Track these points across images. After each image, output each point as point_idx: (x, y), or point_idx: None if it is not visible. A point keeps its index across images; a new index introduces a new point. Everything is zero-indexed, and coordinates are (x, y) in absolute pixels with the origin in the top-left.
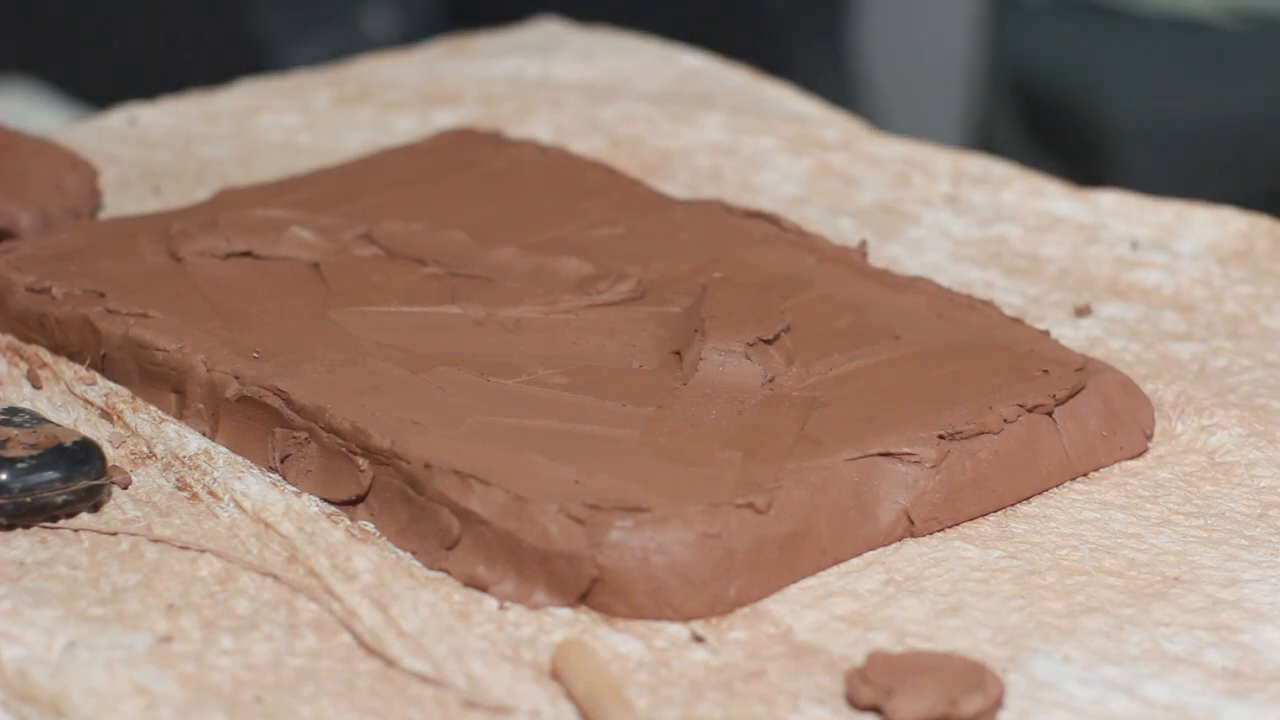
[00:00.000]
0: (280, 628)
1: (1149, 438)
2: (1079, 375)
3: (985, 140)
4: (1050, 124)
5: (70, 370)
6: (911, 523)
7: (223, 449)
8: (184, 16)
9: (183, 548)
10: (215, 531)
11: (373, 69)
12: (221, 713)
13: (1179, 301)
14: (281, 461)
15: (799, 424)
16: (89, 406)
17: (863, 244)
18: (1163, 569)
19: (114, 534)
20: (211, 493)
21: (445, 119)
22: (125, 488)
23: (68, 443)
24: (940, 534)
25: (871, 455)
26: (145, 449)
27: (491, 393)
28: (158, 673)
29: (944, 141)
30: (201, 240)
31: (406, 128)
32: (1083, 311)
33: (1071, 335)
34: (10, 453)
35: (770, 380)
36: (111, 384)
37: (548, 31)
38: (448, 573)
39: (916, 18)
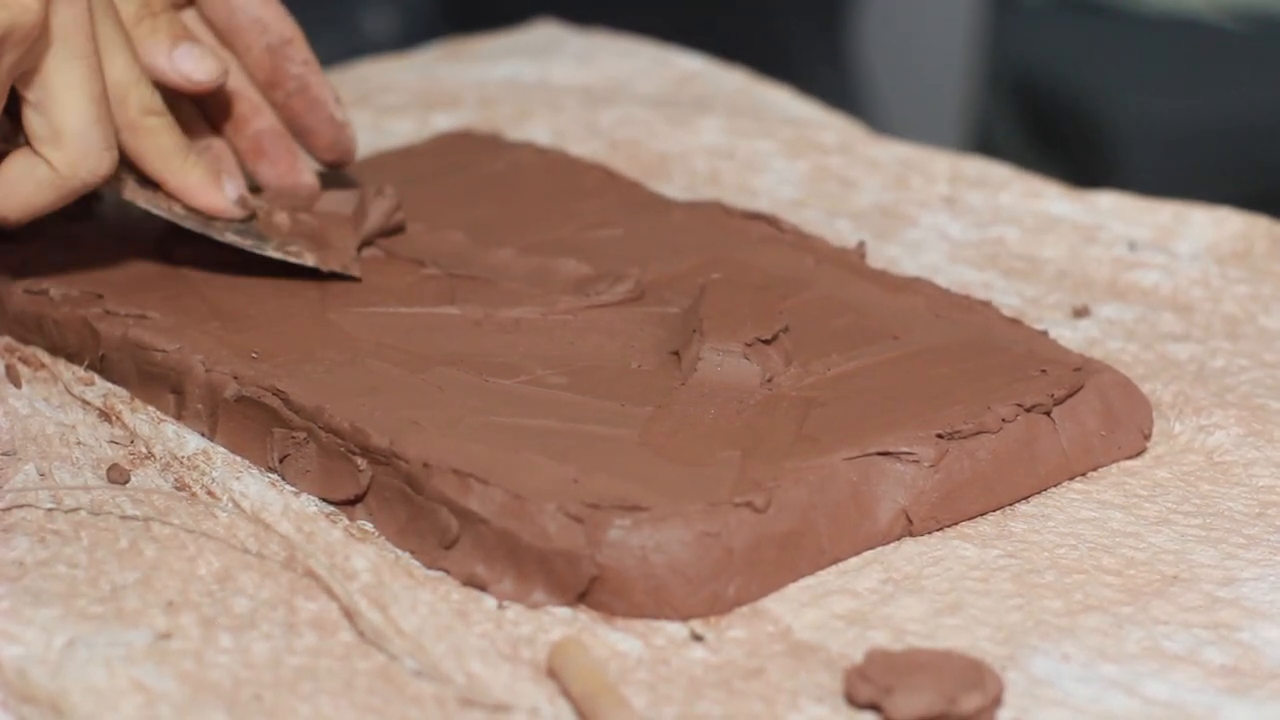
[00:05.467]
0: (279, 626)
1: (1147, 437)
2: (1077, 375)
3: (985, 140)
4: (1050, 124)
5: (69, 371)
6: (910, 522)
7: (221, 449)
8: None
9: (181, 547)
10: (214, 531)
11: (371, 72)
12: (220, 710)
13: (1177, 302)
14: (280, 461)
15: (797, 423)
16: (87, 407)
17: (861, 245)
18: (1161, 567)
19: (113, 532)
20: (210, 493)
21: (443, 122)
22: (124, 484)
23: None
24: (939, 533)
25: (870, 454)
26: (144, 449)
27: (490, 393)
28: (157, 670)
29: (943, 141)
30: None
31: (405, 131)
32: (1081, 313)
33: (1070, 336)
34: None
35: (769, 380)
36: (110, 385)
37: (546, 34)
38: (446, 572)
39: (916, 18)
